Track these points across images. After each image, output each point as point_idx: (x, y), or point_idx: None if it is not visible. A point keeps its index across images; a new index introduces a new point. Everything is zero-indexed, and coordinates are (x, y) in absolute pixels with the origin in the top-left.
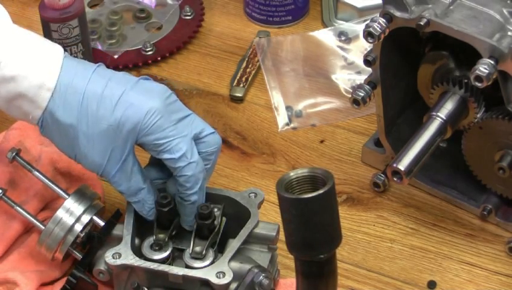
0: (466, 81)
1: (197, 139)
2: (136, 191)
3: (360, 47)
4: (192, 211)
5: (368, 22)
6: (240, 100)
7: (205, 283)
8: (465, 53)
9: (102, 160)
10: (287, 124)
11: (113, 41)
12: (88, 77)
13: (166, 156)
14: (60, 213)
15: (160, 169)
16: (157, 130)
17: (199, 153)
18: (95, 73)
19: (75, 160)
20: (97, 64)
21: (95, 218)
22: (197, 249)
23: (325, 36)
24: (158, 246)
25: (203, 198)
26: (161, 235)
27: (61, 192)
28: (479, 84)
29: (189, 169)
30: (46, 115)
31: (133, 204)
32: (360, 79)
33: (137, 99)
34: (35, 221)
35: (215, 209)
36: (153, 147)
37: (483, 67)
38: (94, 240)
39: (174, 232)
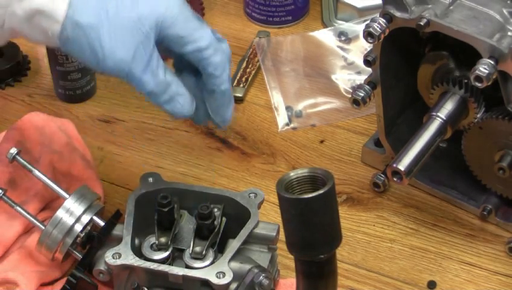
0: (466, 81)
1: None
2: (166, 86)
3: (360, 47)
4: (224, 102)
5: (368, 22)
6: (239, 100)
7: (205, 283)
8: (465, 53)
9: (128, 58)
10: (287, 124)
11: None
12: None
13: (191, 46)
14: (60, 213)
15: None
16: (179, 21)
17: None
18: None
19: (99, 68)
20: None
21: (95, 218)
22: (197, 249)
23: (325, 36)
24: (159, 247)
25: (231, 87)
26: (163, 239)
27: (61, 192)
28: (479, 85)
29: (217, 56)
30: (66, 25)
31: (166, 107)
32: (360, 79)
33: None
34: (35, 221)
35: (215, 210)
36: (177, 40)
37: (483, 68)
38: (94, 240)
39: (176, 233)
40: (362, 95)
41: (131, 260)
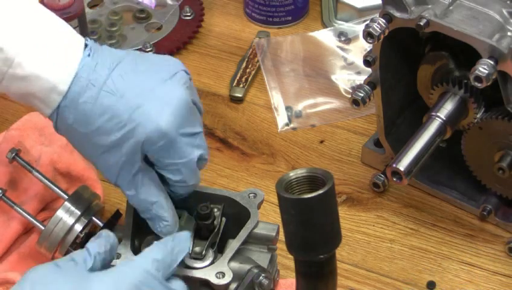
0: (466, 81)
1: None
2: (148, 206)
3: (360, 47)
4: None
5: (368, 22)
6: (239, 100)
7: (205, 283)
8: (465, 53)
9: (113, 172)
10: (287, 125)
11: (113, 41)
12: (101, 83)
13: (166, 174)
14: (60, 213)
15: None
16: (162, 151)
17: None
18: (110, 80)
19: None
20: (117, 62)
21: (95, 218)
22: (197, 249)
23: (325, 36)
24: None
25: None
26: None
27: (61, 192)
28: (478, 85)
29: (183, 189)
30: (58, 115)
31: (148, 222)
32: (360, 79)
33: (148, 116)
34: (35, 221)
35: (215, 210)
36: (156, 162)
37: (482, 68)
38: None
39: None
40: (362, 95)
41: None
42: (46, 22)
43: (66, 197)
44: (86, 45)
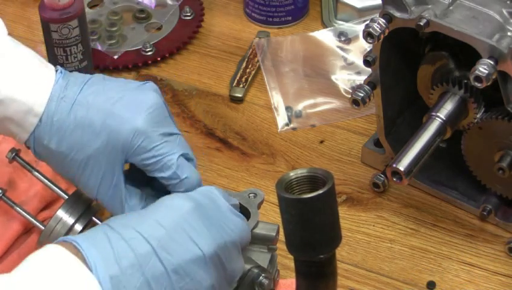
0: (466, 81)
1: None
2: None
3: (360, 47)
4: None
5: (368, 22)
6: (239, 100)
7: None
8: (465, 53)
9: (94, 186)
10: (287, 125)
11: (113, 41)
12: (73, 99)
13: (157, 174)
14: (60, 213)
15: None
16: (143, 150)
17: None
18: (81, 96)
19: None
20: (87, 80)
21: (95, 218)
22: None
23: (325, 36)
24: None
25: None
26: None
27: (61, 192)
28: (478, 85)
29: (182, 185)
30: (35, 138)
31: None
32: (360, 79)
33: (121, 119)
34: (35, 221)
35: None
36: (143, 167)
37: (482, 68)
38: None
39: None
40: (362, 95)
41: None
42: (19, 51)
43: (66, 197)
44: (56, 70)
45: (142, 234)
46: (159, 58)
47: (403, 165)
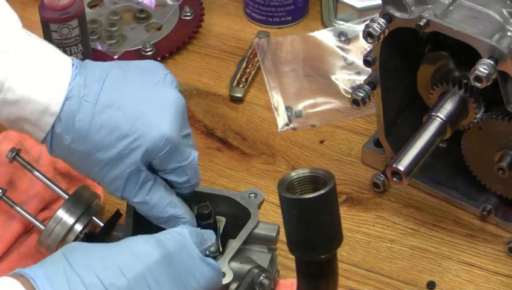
0: (466, 81)
1: None
2: (161, 211)
3: (360, 47)
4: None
5: (368, 22)
6: (239, 100)
7: None
8: (465, 53)
9: (119, 185)
10: (287, 125)
11: (113, 41)
12: (95, 98)
13: (171, 177)
14: (60, 213)
15: None
16: (167, 158)
17: None
18: (103, 93)
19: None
20: (105, 76)
21: (95, 218)
22: None
23: (325, 36)
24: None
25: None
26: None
27: (61, 192)
28: (478, 85)
29: (188, 189)
30: (53, 137)
31: (163, 225)
32: (360, 79)
33: (149, 123)
34: (35, 221)
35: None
36: (159, 168)
37: (482, 68)
38: (94, 241)
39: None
40: (362, 95)
41: None
42: (33, 46)
43: (66, 197)
44: (72, 65)
45: (102, 281)
46: (159, 58)
47: (403, 165)
